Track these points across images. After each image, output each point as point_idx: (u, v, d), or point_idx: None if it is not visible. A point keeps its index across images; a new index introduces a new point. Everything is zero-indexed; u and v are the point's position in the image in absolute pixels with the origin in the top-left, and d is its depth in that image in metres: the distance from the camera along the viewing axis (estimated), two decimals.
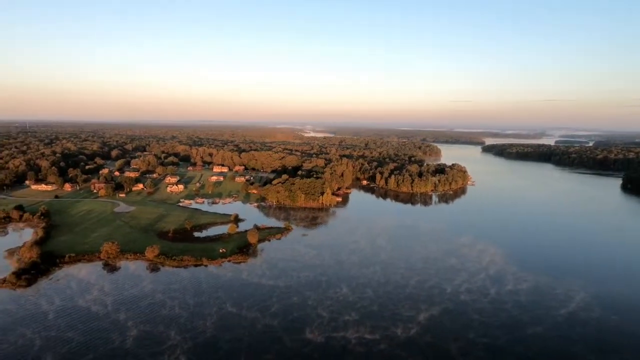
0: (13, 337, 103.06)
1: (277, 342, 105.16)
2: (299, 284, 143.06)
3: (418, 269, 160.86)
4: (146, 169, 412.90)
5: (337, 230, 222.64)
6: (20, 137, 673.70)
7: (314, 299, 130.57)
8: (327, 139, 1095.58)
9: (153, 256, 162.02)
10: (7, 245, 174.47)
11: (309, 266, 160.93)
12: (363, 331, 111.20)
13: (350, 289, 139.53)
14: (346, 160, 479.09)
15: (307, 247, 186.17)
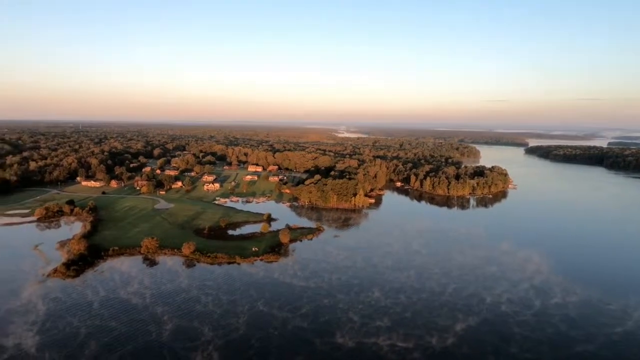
0: (62, 325, 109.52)
1: (307, 344, 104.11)
2: (331, 286, 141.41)
3: (455, 275, 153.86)
4: (185, 167, 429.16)
5: (369, 233, 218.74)
6: (73, 137, 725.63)
7: (346, 302, 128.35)
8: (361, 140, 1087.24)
9: (189, 252, 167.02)
10: (59, 237, 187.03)
11: (340, 268, 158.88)
12: (396, 338, 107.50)
13: (382, 293, 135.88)
14: (380, 161, 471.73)
15: (339, 249, 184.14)
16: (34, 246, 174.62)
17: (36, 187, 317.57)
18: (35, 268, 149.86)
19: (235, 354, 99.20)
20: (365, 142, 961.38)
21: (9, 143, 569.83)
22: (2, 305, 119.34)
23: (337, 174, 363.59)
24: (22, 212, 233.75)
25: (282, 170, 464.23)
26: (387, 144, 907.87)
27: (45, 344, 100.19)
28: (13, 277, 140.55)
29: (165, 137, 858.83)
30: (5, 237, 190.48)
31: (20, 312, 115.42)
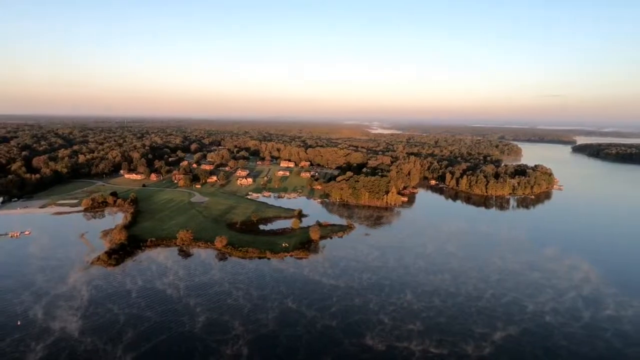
0: (102, 311, 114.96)
1: (336, 345, 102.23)
2: (361, 285, 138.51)
3: (493, 280, 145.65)
4: (220, 162, 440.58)
5: (402, 232, 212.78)
6: (118, 132, 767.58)
7: (376, 303, 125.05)
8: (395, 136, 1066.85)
9: (221, 246, 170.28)
10: (103, 227, 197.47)
11: (371, 268, 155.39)
12: (428, 344, 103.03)
13: (415, 295, 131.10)
14: (414, 159, 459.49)
15: (370, 248, 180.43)
16: (81, 234, 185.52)
17: (84, 178, 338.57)
18: (81, 255, 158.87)
19: (264, 350, 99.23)
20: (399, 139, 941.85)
21: (61, 137, 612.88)
22: (51, 290, 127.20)
23: (369, 170, 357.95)
24: (71, 202, 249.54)
25: (314, 166, 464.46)
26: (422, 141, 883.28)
27: (87, 329, 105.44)
28: (62, 264, 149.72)
29: (202, 133, 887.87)
30: (56, 226, 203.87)
31: (66, 297, 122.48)
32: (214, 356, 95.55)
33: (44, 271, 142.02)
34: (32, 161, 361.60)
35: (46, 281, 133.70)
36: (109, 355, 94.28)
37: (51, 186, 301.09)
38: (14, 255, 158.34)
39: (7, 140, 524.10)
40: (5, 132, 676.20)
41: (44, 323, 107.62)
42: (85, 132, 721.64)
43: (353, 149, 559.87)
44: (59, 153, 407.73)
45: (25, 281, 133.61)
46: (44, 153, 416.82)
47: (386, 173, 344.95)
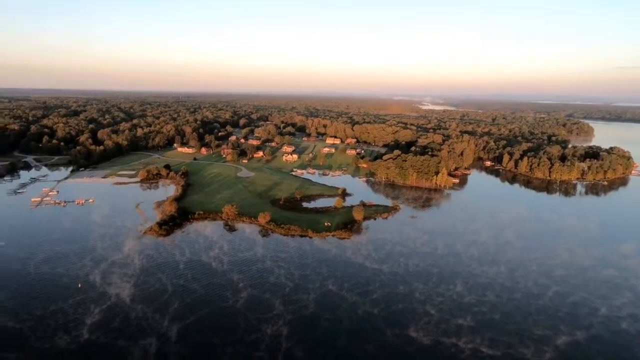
0: (152, 280, 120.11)
1: (377, 333, 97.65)
2: (406, 272, 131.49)
3: (558, 276, 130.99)
4: (266, 137, 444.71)
5: (453, 216, 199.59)
6: (173, 107, 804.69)
7: (422, 292, 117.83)
8: (447, 113, 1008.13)
9: (264, 222, 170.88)
10: (156, 198, 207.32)
11: (418, 253, 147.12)
12: (479, 342, 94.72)
13: (466, 287, 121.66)
14: (468, 137, 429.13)
15: (417, 231, 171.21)
16: (136, 205, 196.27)
17: (142, 151, 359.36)
18: (136, 225, 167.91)
19: (304, 333, 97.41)
20: (452, 116, 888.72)
21: (123, 111, 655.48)
22: (109, 257, 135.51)
23: (418, 149, 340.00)
24: (129, 173, 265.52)
25: (360, 143, 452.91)
26: (478, 118, 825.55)
27: (138, 296, 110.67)
28: (119, 232, 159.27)
29: (251, 108, 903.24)
30: (115, 195, 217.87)
31: (121, 264, 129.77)
32: (255, 334, 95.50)
33: (103, 238, 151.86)
34: (97, 134, 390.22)
35: (104, 248, 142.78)
36: (157, 325, 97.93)
37: (113, 157, 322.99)
38: (79, 222, 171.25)
39: (77, 114, 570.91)
40: (77, 106, 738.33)
41: (101, 287, 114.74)
42: (144, 107, 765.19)
43: (402, 126, 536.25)
44: (120, 126, 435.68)
45: (88, 247, 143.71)
46: (108, 126, 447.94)
47: (437, 152, 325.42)
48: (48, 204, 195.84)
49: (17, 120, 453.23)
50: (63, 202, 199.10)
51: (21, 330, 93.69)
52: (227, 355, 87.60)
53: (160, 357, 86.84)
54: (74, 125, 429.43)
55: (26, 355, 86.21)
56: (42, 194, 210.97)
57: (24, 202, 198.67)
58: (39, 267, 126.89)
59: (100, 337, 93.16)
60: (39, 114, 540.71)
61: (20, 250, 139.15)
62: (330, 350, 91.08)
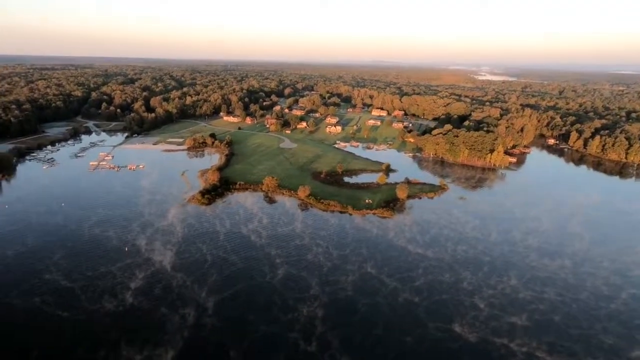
0: (193, 250, 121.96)
1: (418, 325, 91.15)
2: (453, 259, 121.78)
3: (635, 276, 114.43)
4: (310, 108, 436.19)
5: (508, 200, 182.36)
6: (221, 75, 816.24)
7: (471, 283, 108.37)
8: (507, 84, 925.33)
9: (304, 196, 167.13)
10: (201, 166, 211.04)
11: (468, 239, 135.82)
12: (535, 347, 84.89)
13: (521, 281, 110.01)
14: (529, 112, 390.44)
15: (467, 215, 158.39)
16: (182, 172, 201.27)
17: (190, 119, 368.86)
18: (181, 192, 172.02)
19: (340, 316, 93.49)
20: (512, 87, 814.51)
21: (175, 79, 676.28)
22: (155, 223, 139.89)
23: (472, 124, 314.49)
24: (177, 141, 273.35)
25: (408, 116, 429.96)
26: (542, 91, 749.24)
27: (178, 265, 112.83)
28: (165, 199, 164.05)
29: (297, 77, 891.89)
30: (164, 162, 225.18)
31: (165, 232, 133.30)
32: (291, 313, 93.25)
33: (151, 204, 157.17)
34: (150, 101, 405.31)
35: (151, 214, 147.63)
36: (195, 295, 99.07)
37: (163, 125, 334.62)
38: (130, 187, 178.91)
39: (133, 81, 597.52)
40: (133, 74, 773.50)
41: (145, 253, 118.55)
42: (194, 75, 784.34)
43: (455, 98, 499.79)
44: (171, 94, 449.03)
45: (136, 212, 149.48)
46: (160, 94, 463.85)
47: (493, 128, 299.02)
48: (104, 168, 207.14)
49: (81, 87, 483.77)
50: (117, 167, 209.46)
51: (73, 289, 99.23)
52: (261, 334, 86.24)
53: (197, 328, 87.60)
54: (129, 92, 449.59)
55: (77, 314, 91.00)
56: (99, 159, 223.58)
57: (83, 165, 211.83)
58: (92, 228, 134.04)
59: (143, 302, 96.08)
60: (99, 81, 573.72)
61: (77, 211, 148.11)
62: (366, 338, 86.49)
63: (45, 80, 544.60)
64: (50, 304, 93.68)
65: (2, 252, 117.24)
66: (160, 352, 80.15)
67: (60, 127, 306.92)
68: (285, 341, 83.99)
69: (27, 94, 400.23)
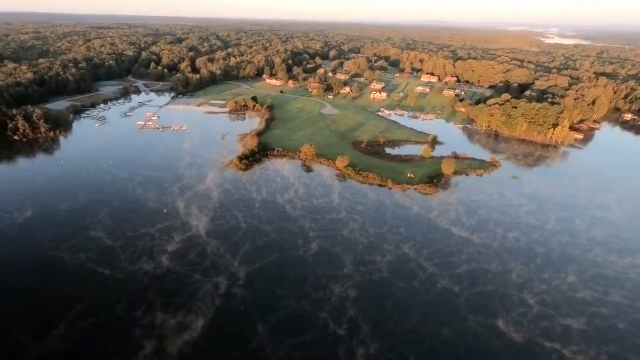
0: (228, 217, 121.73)
1: (457, 317, 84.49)
2: (503, 246, 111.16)
3: None
4: (356, 72, 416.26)
5: (571, 183, 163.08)
6: (266, 36, 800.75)
7: (521, 276, 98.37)
8: (579, 48, 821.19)
9: (342, 166, 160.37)
10: (241, 130, 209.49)
11: (521, 225, 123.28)
12: (594, 356, 75.45)
13: (582, 279, 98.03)
14: (604, 82, 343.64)
15: (522, 197, 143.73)
16: (222, 136, 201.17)
17: (233, 81, 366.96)
18: (220, 156, 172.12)
19: (373, 300, 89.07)
20: (586, 52, 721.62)
21: (220, 40, 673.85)
22: (194, 187, 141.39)
23: (534, 94, 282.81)
24: (220, 103, 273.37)
25: (461, 83, 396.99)
26: (623, 57, 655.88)
27: (213, 231, 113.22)
28: (205, 163, 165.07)
29: (343, 39, 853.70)
30: (206, 125, 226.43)
31: (202, 196, 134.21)
32: (322, 292, 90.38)
33: (191, 168, 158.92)
34: (196, 62, 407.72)
35: (191, 177, 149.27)
36: (228, 264, 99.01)
37: (208, 86, 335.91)
38: (173, 149, 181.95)
39: (181, 41, 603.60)
40: (182, 33, 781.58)
41: (183, 217, 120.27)
42: (239, 35, 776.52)
43: (516, 64, 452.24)
44: (216, 55, 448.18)
45: (177, 175, 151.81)
46: (205, 54, 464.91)
47: (559, 99, 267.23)
48: (150, 129, 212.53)
49: (133, 47, 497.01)
50: (162, 127, 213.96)
51: (114, 249, 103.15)
52: (291, 311, 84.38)
53: (228, 298, 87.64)
54: (177, 52, 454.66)
55: (117, 273, 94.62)
56: (146, 119, 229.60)
57: (131, 125, 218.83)
58: (136, 189, 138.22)
59: (178, 267, 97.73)
60: (150, 41, 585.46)
61: (123, 171, 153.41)
62: (400, 326, 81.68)
63: (101, 39, 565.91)
64: (93, 261, 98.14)
65: (57, 206, 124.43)
66: (192, 319, 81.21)
67: (112, 86, 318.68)
68: (314, 321, 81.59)
69: (84, 53, 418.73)
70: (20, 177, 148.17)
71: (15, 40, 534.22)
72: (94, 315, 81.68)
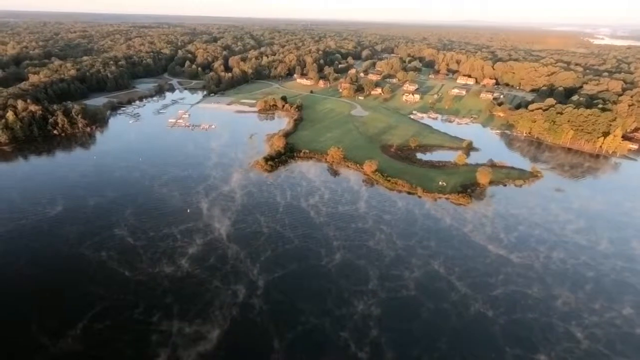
0: (251, 220, 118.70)
1: (492, 347, 76.29)
2: (546, 268, 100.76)
3: None
4: (388, 72, 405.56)
5: (625, 198, 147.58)
6: (299, 35, 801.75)
7: (567, 304, 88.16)
8: (633, 50, 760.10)
9: (370, 171, 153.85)
10: (268, 130, 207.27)
11: (567, 245, 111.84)
12: None
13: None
14: None
15: (567, 212, 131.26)
16: (250, 135, 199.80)
17: (264, 80, 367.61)
18: (246, 156, 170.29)
19: (398, 321, 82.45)
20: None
21: (254, 38, 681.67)
22: (219, 188, 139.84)
23: (582, 99, 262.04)
24: (250, 102, 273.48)
25: (500, 86, 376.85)
26: None
27: (235, 235, 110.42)
28: (231, 163, 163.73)
29: (377, 38, 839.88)
30: (235, 124, 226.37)
31: (226, 198, 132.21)
32: (344, 308, 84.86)
33: (217, 167, 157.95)
34: (229, 60, 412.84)
35: (216, 178, 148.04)
36: (248, 271, 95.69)
37: (239, 85, 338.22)
38: (201, 147, 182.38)
39: (216, 40, 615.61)
40: (217, 32, 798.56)
41: (205, 219, 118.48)
42: (273, 34, 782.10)
43: (562, 66, 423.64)
44: (249, 54, 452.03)
45: (203, 174, 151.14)
46: (238, 53, 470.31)
47: (610, 105, 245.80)
48: (180, 126, 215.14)
49: (169, 45, 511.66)
50: (191, 125, 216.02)
51: (135, 248, 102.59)
52: (310, 327, 79.50)
53: (245, 308, 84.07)
54: (211, 51, 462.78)
55: (138, 274, 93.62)
56: (177, 116, 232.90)
57: (162, 122, 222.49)
58: (162, 187, 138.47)
59: (197, 270, 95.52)
60: (186, 39, 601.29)
61: (151, 168, 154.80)
62: (426, 353, 74.72)
63: (141, 37, 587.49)
64: (115, 259, 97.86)
65: (86, 201, 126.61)
66: (207, 329, 78.26)
67: (148, 84, 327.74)
68: (334, 341, 76.35)
69: (124, 51, 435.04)
70: (55, 171, 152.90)
71: (63, 38, 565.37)
72: (112, 317, 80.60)
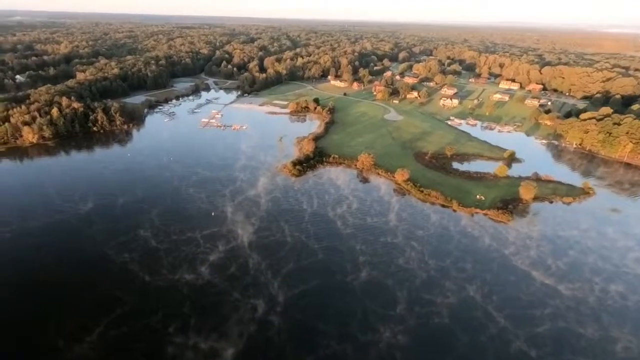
0: (275, 228, 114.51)
1: None
2: (601, 303, 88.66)
3: None
4: (425, 75, 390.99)
5: None
6: (335, 36, 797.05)
7: (629, 349, 76.40)
8: None
9: (402, 180, 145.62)
10: (299, 133, 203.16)
11: (628, 277, 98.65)
12: None
13: None
14: None
15: (626, 237, 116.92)
16: (279, 138, 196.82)
17: (298, 81, 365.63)
18: (275, 160, 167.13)
19: (429, 353, 74.72)
20: None
21: (290, 39, 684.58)
22: (245, 192, 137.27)
23: None
24: (282, 104, 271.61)
25: (547, 92, 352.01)
26: None
27: (257, 244, 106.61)
28: (259, 166, 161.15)
29: (415, 40, 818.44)
30: (266, 125, 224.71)
31: (251, 203, 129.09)
32: (369, 334, 78.26)
33: (245, 170, 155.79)
34: (264, 61, 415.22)
35: (243, 181, 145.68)
36: (268, 284, 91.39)
37: (273, 86, 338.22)
38: (231, 148, 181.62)
39: (253, 41, 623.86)
40: (255, 33, 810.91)
41: (229, 224, 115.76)
42: (309, 35, 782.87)
43: (619, 71, 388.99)
44: (284, 55, 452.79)
45: (231, 177, 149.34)
46: (274, 54, 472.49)
47: None
48: (212, 126, 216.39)
49: (208, 45, 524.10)
50: (223, 125, 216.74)
51: (157, 251, 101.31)
52: (330, 352, 73.68)
53: (263, 326, 79.62)
54: (247, 52, 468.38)
55: (158, 279, 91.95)
56: (210, 116, 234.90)
57: (195, 122, 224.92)
58: (189, 188, 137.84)
59: (217, 279, 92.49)
60: (224, 40, 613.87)
61: (181, 168, 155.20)
62: None
63: (182, 37, 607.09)
64: (137, 262, 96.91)
65: (116, 199, 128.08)
66: (222, 346, 74.56)
67: (185, 83, 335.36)
68: None
69: (165, 51, 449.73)
70: (90, 167, 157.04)
71: (111, 38, 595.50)
72: (129, 324, 78.88)
